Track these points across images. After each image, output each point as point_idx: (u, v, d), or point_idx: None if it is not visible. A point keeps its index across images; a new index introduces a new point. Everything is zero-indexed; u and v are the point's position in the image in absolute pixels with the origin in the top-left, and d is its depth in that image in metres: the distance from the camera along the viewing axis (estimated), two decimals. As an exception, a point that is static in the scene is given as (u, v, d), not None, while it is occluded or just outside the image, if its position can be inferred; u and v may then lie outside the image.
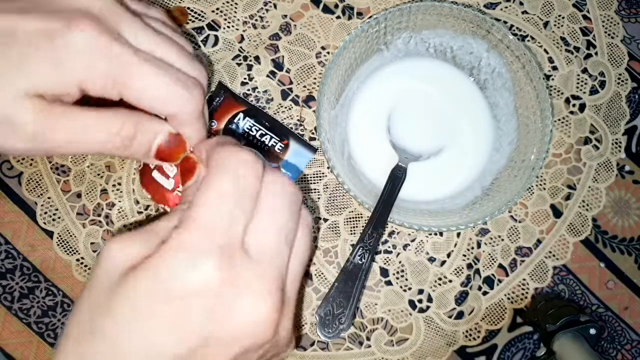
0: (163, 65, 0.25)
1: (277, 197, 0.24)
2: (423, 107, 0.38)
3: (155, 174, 0.36)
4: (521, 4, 0.42)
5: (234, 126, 0.38)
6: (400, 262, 0.38)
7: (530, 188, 0.39)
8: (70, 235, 0.37)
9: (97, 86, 0.24)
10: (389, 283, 0.38)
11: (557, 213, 0.39)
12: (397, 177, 0.35)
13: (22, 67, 0.23)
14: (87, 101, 0.25)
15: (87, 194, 0.38)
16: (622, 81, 0.41)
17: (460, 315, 0.38)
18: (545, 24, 0.42)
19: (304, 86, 0.40)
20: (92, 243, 0.37)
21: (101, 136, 0.24)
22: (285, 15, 0.41)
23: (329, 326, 0.31)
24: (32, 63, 0.23)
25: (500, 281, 0.39)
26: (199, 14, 0.40)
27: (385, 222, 0.33)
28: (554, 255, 0.39)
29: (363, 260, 0.33)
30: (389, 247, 0.38)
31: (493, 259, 0.39)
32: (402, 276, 0.38)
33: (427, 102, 0.38)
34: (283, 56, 0.40)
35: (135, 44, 0.25)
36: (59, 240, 0.37)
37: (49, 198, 0.38)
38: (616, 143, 0.41)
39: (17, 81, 0.23)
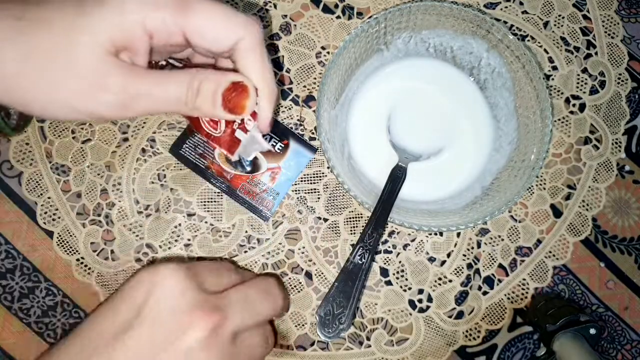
0: (218, 1, 0.26)
1: None
2: (423, 107, 0.38)
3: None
4: (521, 3, 0.42)
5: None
6: (400, 262, 0.38)
7: (530, 188, 0.39)
8: (70, 235, 0.37)
9: (160, 23, 0.25)
10: (389, 283, 0.38)
11: (557, 213, 0.39)
12: (397, 177, 0.35)
13: (94, 18, 0.24)
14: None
15: (87, 193, 0.38)
16: (622, 81, 0.41)
17: (460, 315, 0.38)
18: (545, 24, 0.42)
19: (304, 86, 0.40)
20: (92, 243, 0.37)
21: (176, 93, 0.26)
22: (285, 15, 0.41)
23: (329, 326, 0.31)
24: (102, 12, 0.24)
25: (500, 281, 0.39)
26: (199, 14, 0.40)
27: (385, 222, 0.33)
28: (554, 255, 0.39)
29: (363, 260, 0.33)
30: (389, 247, 0.38)
31: (493, 259, 0.39)
32: (402, 276, 0.38)
33: (427, 102, 0.38)
34: (283, 56, 0.40)
35: None
36: (59, 240, 0.37)
37: (49, 198, 0.38)
38: (616, 143, 0.41)
39: (97, 36, 0.24)
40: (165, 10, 0.25)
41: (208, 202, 0.38)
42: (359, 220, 0.38)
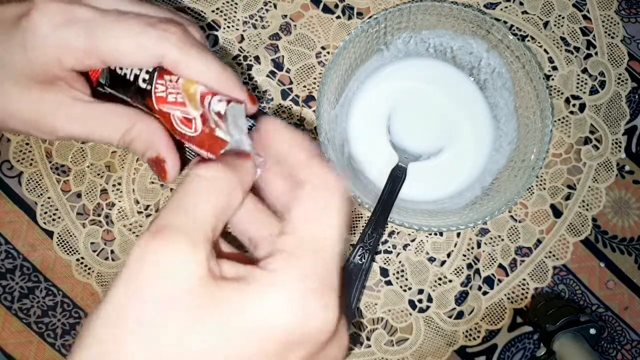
0: (129, 17, 0.25)
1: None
2: (423, 107, 0.38)
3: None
4: (521, 4, 0.42)
5: (234, 126, 0.38)
6: (400, 262, 0.38)
7: (530, 188, 0.39)
8: (70, 235, 0.37)
9: (73, 59, 0.25)
10: (389, 283, 0.38)
11: (557, 213, 0.39)
12: (397, 177, 0.35)
13: (5, 49, 0.24)
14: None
15: (87, 194, 0.38)
16: (622, 81, 0.41)
17: (460, 315, 0.38)
18: (545, 24, 0.42)
19: (304, 86, 0.40)
20: (92, 243, 0.37)
21: (110, 136, 0.26)
22: (285, 15, 0.41)
23: None
24: (12, 45, 0.24)
25: (500, 281, 0.39)
26: (199, 14, 0.40)
27: (386, 222, 0.33)
28: (554, 255, 0.39)
29: (363, 260, 0.33)
30: (389, 247, 0.38)
31: (493, 259, 0.39)
32: (402, 276, 0.38)
33: (427, 102, 0.38)
34: (283, 56, 0.40)
35: (99, 5, 0.25)
36: (59, 240, 0.37)
37: (49, 198, 0.38)
38: (616, 143, 0.41)
39: (12, 65, 0.24)
40: (77, 52, 0.24)
41: (208, 202, 0.38)
42: (359, 221, 0.38)
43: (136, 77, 0.28)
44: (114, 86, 0.29)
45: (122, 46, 0.24)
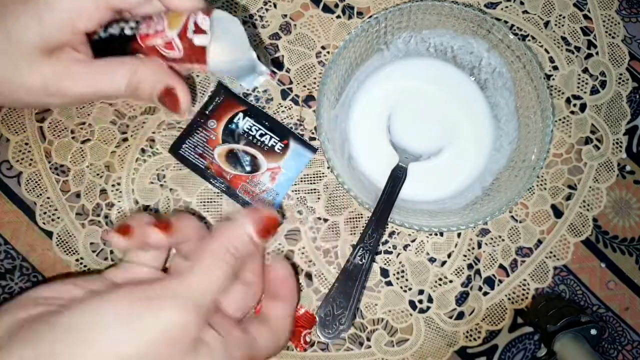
0: None
1: None
2: (423, 107, 0.38)
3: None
4: (522, 3, 0.42)
5: (233, 126, 0.38)
6: (400, 262, 0.38)
7: (530, 188, 0.39)
8: (70, 236, 0.37)
9: (86, 18, 0.27)
10: (389, 283, 0.38)
11: (558, 213, 0.39)
12: (397, 178, 0.35)
13: (19, 22, 0.26)
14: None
15: (87, 194, 0.38)
16: (623, 81, 0.41)
17: (460, 315, 0.38)
18: (546, 24, 0.41)
19: (304, 86, 0.40)
20: (91, 243, 0.37)
21: (115, 86, 0.28)
22: (285, 15, 0.40)
23: (329, 327, 0.31)
24: (27, 17, 0.26)
25: (500, 281, 0.39)
26: (198, 14, 0.40)
27: (386, 223, 0.33)
28: (554, 256, 0.39)
29: (363, 260, 0.33)
30: (390, 247, 0.38)
31: (493, 259, 0.39)
32: (403, 276, 0.38)
33: (427, 102, 0.38)
34: (283, 56, 0.40)
35: None
36: (59, 241, 0.37)
37: (48, 198, 0.38)
38: (617, 143, 0.41)
39: (24, 36, 0.26)
40: (87, 8, 0.27)
41: (208, 202, 0.38)
42: (359, 221, 0.38)
43: (122, 29, 0.30)
44: (102, 54, 0.30)
45: None
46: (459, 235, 0.39)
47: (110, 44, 0.30)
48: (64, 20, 0.27)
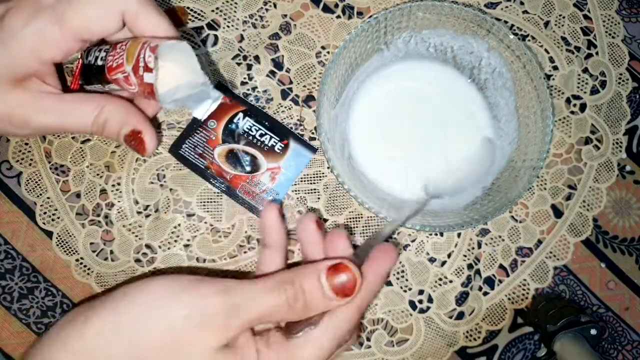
0: None
1: None
2: (423, 112, 0.38)
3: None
4: (522, 3, 0.42)
5: (233, 126, 0.38)
6: (400, 262, 0.38)
7: (531, 188, 0.39)
8: (70, 236, 0.37)
9: (51, 47, 0.27)
10: (389, 283, 0.38)
11: (558, 213, 0.39)
12: (418, 211, 0.33)
13: None
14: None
15: (87, 194, 0.38)
16: (623, 81, 0.41)
17: (460, 315, 0.38)
18: (546, 24, 0.41)
19: (304, 86, 0.40)
20: (91, 243, 0.37)
21: (82, 123, 0.28)
22: (285, 15, 0.40)
23: (299, 323, 0.29)
24: None
25: (500, 281, 0.39)
26: (198, 14, 0.40)
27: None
28: (554, 256, 0.39)
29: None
30: (389, 247, 0.38)
31: (494, 259, 0.39)
32: (403, 277, 0.38)
33: (427, 104, 0.38)
34: (283, 56, 0.40)
35: None
36: (58, 241, 0.37)
37: (48, 198, 0.38)
38: (617, 143, 0.41)
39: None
40: (52, 38, 0.26)
41: (208, 202, 0.38)
42: (359, 221, 0.38)
43: (96, 58, 0.29)
44: (88, 81, 0.30)
45: (89, 13, 0.26)
46: (459, 235, 0.39)
47: (90, 71, 0.30)
48: (29, 49, 0.26)
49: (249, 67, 0.40)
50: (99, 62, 0.29)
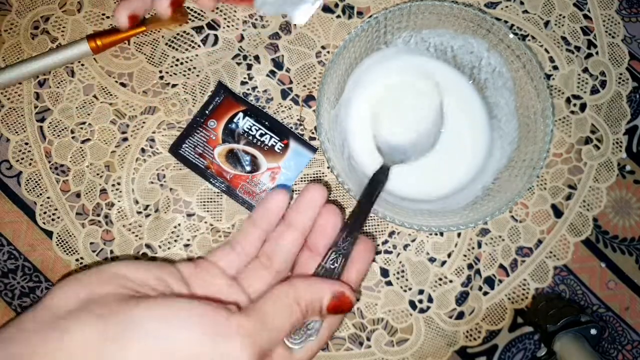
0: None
1: None
2: (414, 105, 0.38)
3: None
4: (522, 3, 0.42)
5: (233, 125, 0.38)
6: (400, 262, 0.38)
7: (531, 188, 0.39)
8: (70, 235, 0.37)
9: None
10: (389, 283, 0.38)
11: (558, 213, 0.39)
12: (378, 181, 0.33)
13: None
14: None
15: (87, 193, 0.38)
16: (623, 81, 0.41)
17: (460, 315, 0.38)
18: (546, 24, 0.41)
19: (304, 86, 0.40)
20: (91, 243, 0.37)
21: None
22: (285, 15, 0.40)
23: (296, 332, 0.28)
24: None
25: (500, 281, 0.39)
26: (198, 14, 0.40)
27: (361, 226, 0.30)
28: (554, 256, 0.39)
29: (335, 264, 0.29)
30: (389, 247, 0.38)
31: (494, 259, 0.39)
32: (403, 276, 0.38)
33: (425, 102, 0.38)
34: (283, 55, 0.40)
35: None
36: (59, 240, 0.37)
37: (48, 198, 0.38)
38: (617, 143, 0.40)
39: None
40: None
41: (208, 202, 0.38)
42: (359, 221, 0.38)
43: None
44: None
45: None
46: (459, 235, 0.39)
47: None
48: None
49: (249, 66, 0.40)
50: None
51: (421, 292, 0.38)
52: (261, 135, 0.38)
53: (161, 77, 0.39)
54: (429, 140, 0.37)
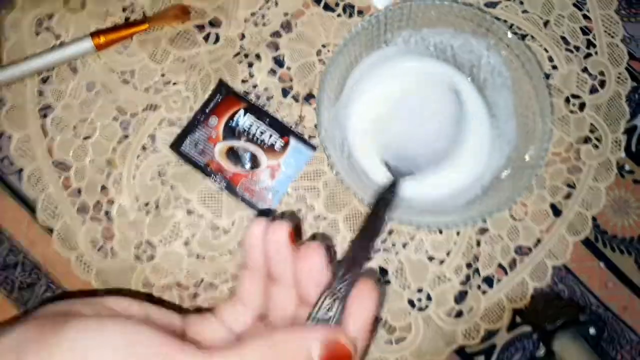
0: None
1: None
2: (420, 109, 0.38)
3: None
4: (521, 3, 0.42)
5: (234, 123, 0.38)
6: (399, 260, 0.38)
7: (530, 187, 0.39)
8: (70, 232, 0.38)
9: None
10: (388, 282, 0.38)
11: (557, 212, 0.39)
12: (386, 200, 0.28)
13: None
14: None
15: (88, 190, 0.38)
16: (622, 80, 0.41)
17: (459, 314, 0.38)
18: (546, 23, 0.42)
19: (305, 84, 0.40)
20: (91, 240, 0.37)
21: None
22: (286, 13, 0.41)
23: None
24: None
25: (499, 280, 0.39)
26: (200, 12, 0.40)
27: (365, 260, 0.25)
28: (553, 255, 0.39)
29: (330, 313, 0.23)
30: (388, 245, 0.38)
31: (492, 258, 0.39)
32: (401, 275, 0.38)
33: (426, 103, 0.38)
34: (284, 54, 0.40)
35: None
36: (59, 237, 0.37)
37: (49, 194, 0.38)
38: (616, 142, 0.41)
39: None
40: None
41: (208, 199, 0.38)
42: (359, 218, 0.38)
43: None
44: None
45: None
46: (458, 233, 0.39)
47: None
48: None
49: (250, 64, 0.40)
50: None
51: (420, 290, 0.38)
52: (261, 133, 0.38)
53: (163, 75, 0.39)
54: (439, 149, 0.35)
